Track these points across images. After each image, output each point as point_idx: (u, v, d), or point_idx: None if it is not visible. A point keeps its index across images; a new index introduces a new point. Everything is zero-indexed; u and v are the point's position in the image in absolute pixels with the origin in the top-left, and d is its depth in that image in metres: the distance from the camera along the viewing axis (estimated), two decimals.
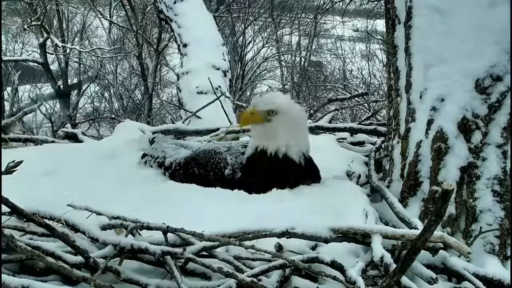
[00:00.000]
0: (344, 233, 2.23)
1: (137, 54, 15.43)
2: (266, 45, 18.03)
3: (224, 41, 7.35)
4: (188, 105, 6.09)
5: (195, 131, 4.34)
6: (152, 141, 3.52)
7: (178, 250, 2.03)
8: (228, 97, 6.31)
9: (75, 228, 2.19)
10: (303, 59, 19.23)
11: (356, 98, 8.24)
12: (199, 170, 3.04)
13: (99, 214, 2.31)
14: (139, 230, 2.24)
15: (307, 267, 2.04)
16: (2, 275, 1.83)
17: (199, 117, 5.21)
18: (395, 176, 2.85)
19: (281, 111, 2.86)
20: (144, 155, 3.32)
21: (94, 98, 17.00)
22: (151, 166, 3.23)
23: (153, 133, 3.78)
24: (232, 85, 11.53)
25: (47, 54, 14.64)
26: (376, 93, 11.62)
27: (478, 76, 2.61)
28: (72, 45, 16.31)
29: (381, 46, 14.62)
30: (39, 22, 13.70)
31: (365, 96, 8.03)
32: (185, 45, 6.92)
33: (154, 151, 3.31)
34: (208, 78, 5.66)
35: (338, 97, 7.78)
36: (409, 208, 2.67)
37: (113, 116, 11.55)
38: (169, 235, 2.14)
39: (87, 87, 16.54)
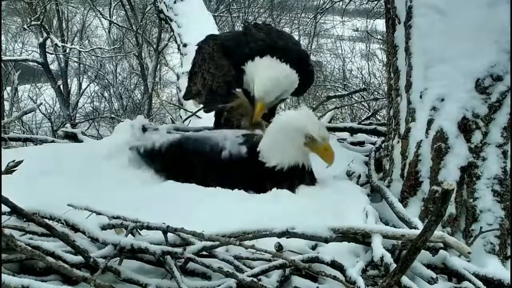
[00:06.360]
0: (344, 233, 2.22)
1: (137, 54, 15.42)
2: None
3: None
4: (188, 104, 6.08)
5: (195, 131, 4.33)
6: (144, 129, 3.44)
7: (178, 250, 2.03)
8: None
9: (75, 228, 2.18)
10: None
11: (356, 97, 8.24)
12: (190, 157, 3.00)
13: (99, 214, 2.30)
14: (139, 230, 2.24)
15: (307, 267, 2.04)
16: (2, 275, 1.83)
17: (199, 117, 5.21)
18: (395, 176, 2.85)
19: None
20: (131, 148, 3.23)
21: (94, 97, 16.99)
22: (141, 159, 3.16)
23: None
24: None
25: (47, 53, 14.63)
26: (376, 93, 11.61)
27: (478, 76, 2.61)
28: (72, 45, 16.30)
29: (381, 46, 14.61)
30: (39, 22, 13.68)
31: (364, 92, 8.01)
32: (185, 45, 6.93)
33: (142, 141, 3.22)
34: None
35: (337, 94, 7.77)
36: (409, 208, 2.67)
37: (112, 116, 11.56)
38: (169, 235, 2.14)
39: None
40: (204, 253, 2.10)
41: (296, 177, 2.88)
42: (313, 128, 2.82)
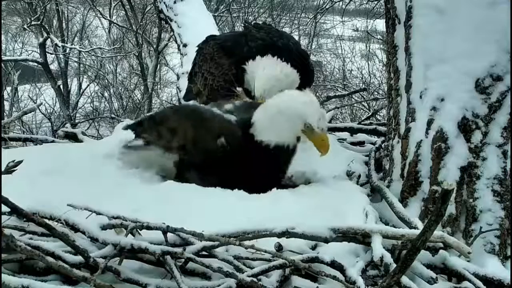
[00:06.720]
0: (344, 233, 2.23)
1: (137, 54, 15.41)
2: None
3: None
4: None
5: None
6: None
7: (178, 250, 2.03)
8: None
9: (75, 228, 2.18)
10: None
11: (356, 97, 8.23)
12: (182, 113, 3.02)
13: (99, 214, 2.30)
14: (139, 230, 2.24)
15: (307, 267, 2.04)
16: (2, 275, 1.83)
17: None
18: (395, 176, 2.85)
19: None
20: (124, 128, 3.24)
21: (94, 97, 16.99)
22: (133, 131, 3.16)
23: None
24: None
25: (46, 53, 14.62)
26: (376, 93, 11.62)
27: (478, 76, 2.61)
28: (72, 44, 16.29)
29: (381, 46, 14.61)
30: (39, 22, 13.67)
31: (364, 92, 8.02)
32: (185, 45, 6.90)
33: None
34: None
35: (337, 94, 7.78)
36: (409, 208, 2.67)
37: (112, 116, 11.56)
38: (169, 235, 2.14)
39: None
40: (204, 253, 2.10)
41: (281, 157, 2.89)
42: (313, 117, 2.81)
